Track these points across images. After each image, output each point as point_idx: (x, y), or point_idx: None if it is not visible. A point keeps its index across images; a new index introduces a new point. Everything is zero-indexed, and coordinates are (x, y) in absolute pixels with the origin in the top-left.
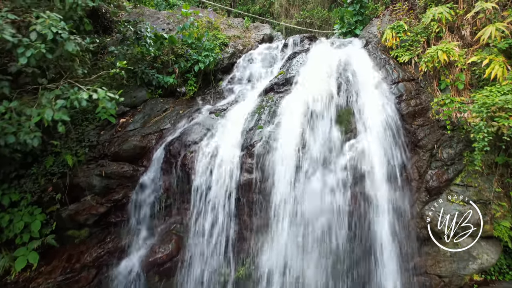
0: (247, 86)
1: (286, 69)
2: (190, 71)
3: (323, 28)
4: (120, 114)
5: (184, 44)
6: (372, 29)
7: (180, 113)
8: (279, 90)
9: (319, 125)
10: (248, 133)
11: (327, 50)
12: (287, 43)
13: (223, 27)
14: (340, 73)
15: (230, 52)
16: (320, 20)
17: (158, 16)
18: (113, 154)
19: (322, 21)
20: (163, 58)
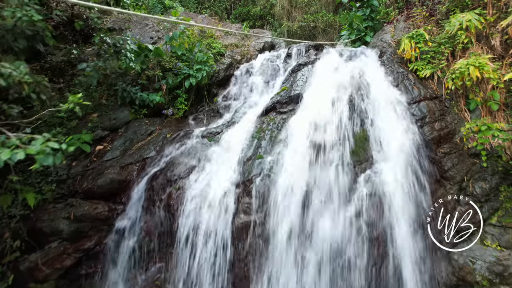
0: (246, 102)
1: (289, 85)
2: (180, 87)
3: (328, 32)
4: (97, 140)
5: (173, 57)
6: (385, 36)
7: (167, 137)
8: (282, 110)
9: (328, 153)
10: (246, 164)
11: (337, 62)
12: (291, 52)
13: (219, 34)
14: (353, 91)
15: (226, 63)
16: (325, 24)
17: (146, 22)
18: (86, 191)
19: (327, 25)
20: (148, 73)
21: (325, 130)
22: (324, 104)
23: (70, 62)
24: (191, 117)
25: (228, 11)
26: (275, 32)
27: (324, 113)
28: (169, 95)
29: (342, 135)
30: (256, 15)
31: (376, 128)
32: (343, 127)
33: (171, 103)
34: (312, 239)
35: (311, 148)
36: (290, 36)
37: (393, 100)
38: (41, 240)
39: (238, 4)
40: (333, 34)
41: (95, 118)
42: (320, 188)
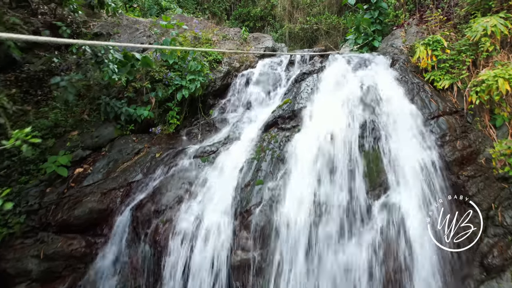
0: (245, 115)
1: (292, 97)
2: (172, 99)
3: (331, 34)
4: (77, 161)
5: (163, 66)
6: (395, 42)
7: (156, 157)
8: (285, 126)
9: (338, 178)
10: (244, 191)
11: (344, 71)
12: (294, 60)
13: (216, 39)
14: (364, 105)
15: (224, 71)
16: (328, 26)
17: (137, 26)
18: (60, 224)
19: (331, 27)
20: (135, 84)
21: (334, 151)
22: (332, 120)
23: (51, 71)
24: (184, 131)
25: (228, 11)
26: (276, 33)
27: (332, 131)
28: (159, 108)
29: (353, 156)
30: (256, 16)
31: (390, 147)
32: (354, 146)
33: (162, 117)
34: (319, 279)
35: (318, 172)
36: (291, 38)
37: (409, 115)
38: (6, 283)
39: (238, 4)
40: (337, 37)
41: (75, 136)
42: (329, 220)
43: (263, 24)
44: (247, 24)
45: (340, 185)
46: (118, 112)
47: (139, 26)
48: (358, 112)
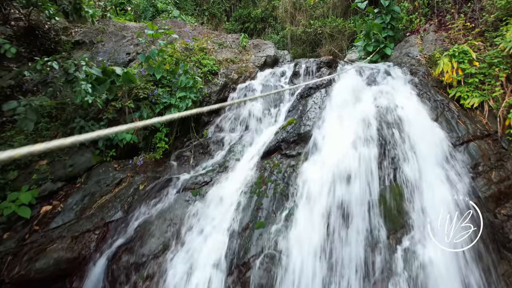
0: (243, 136)
1: (298, 116)
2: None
3: (335, 38)
4: (45, 196)
5: (150, 81)
6: (411, 50)
7: (140, 189)
8: (289, 152)
9: (353, 218)
10: (241, 237)
11: (357, 85)
12: (298, 71)
13: (212, 47)
14: (381, 128)
15: (220, 84)
16: (333, 30)
17: (124, 33)
18: (17, 280)
19: (336, 31)
20: (116, 104)
21: (348, 185)
22: (345, 147)
23: (21, 87)
24: (175, 154)
25: (227, 13)
26: (277, 35)
27: (345, 160)
28: (145, 129)
29: (370, 191)
30: (257, 18)
31: (413, 180)
32: (371, 180)
33: (148, 139)
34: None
35: (329, 212)
36: (293, 40)
37: (433, 140)
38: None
39: (238, 6)
40: (342, 41)
41: (43, 166)
42: (344, 275)
43: (264, 26)
44: (248, 25)
45: (357, 228)
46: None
47: (126, 33)
48: (375, 137)
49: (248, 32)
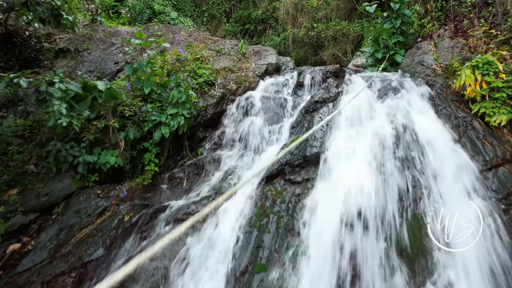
0: (242, 155)
1: (302, 134)
2: (149, 137)
3: (339, 41)
4: (15, 232)
5: (137, 97)
6: (424, 58)
7: (125, 220)
8: (294, 177)
9: (368, 260)
10: (239, 283)
11: (367, 98)
12: (302, 81)
13: (209, 54)
14: (398, 151)
15: (217, 96)
16: (337, 33)
17: (113, 40)
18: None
19: (340, 34)
20: (99, 123)
21: (363, 221)
22: (357, 175)
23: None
24: (166, 176)
25: (227, 14)
26: (278, 37)
27: (359, 190)
28: (132, 149)
29: (388, 227)
30: (257, 19)
31: (435, 213)
32: (389, 214)
33: (136, 160)
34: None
35: (341, 253)
36: (295, 43)
37: (457, 164)
38: None
39: (239, 6)
40: (346, 44)
41: (13, 196)
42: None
43: (264, 28)
44: (248, 27)
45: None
46: (75, 162)
47: (116, 39)
48: (391, 162)
49: (249, 34)
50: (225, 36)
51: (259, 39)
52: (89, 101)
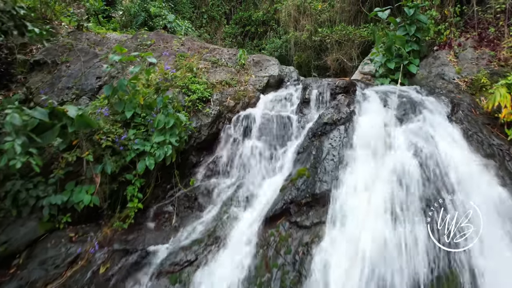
0: (240, 186)
1: (311, 165)
2: (133, 167)
3: (343, 46)
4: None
5: (117, 122)
6: (445, 71)
7: (100, 272)
8: (301, 220)
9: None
10: None
11: (386, 122)
12: (309, 97)
13: (204, 66)
14: (426, 190)
15: (212, 115)
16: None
17: (98, 50)
18: None
19: (346, 39)
20: (70, 156)
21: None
22: (376, 223)
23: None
24: (153, 211)
25: (227, 16)
26: (280, 39)
27: (380, 238)
28: (113, 182)
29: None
30: (258, 21)
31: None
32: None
33: (117, 195)
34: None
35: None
36: (297, 46)
37: (498, 206)
38: None
39: (239, 8)
40: (351, 49)
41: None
42: None
43: (265, 30)
44: (248, 29)
45: None
46: (39, 204)
47: (100, 49)
48: (417, 204)
49: (249, 36)
50: (224, 38)
51: (259, 42)
52: (57, 130)
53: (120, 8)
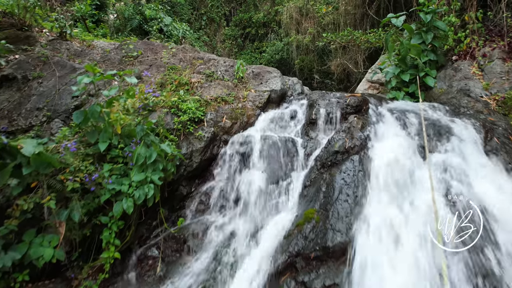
0: (237, 227)
1: (321, 206)
2: (108, 208)
3: (348, 50)
4: None
5: (89, 156)
6: (470, 86)
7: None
8: (310, 280)
9: None
10: None
11: (407, 153)
12: (315, 118)
13: (198, 80)
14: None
15: (206, 138)
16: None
17: (76, 64)
18: None
19: (351, 44)
20: (26, 203)
21: None
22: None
23: None
24: (134, 257)
25: (227, 17)
26: (281, 42)
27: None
28: (84, 227)
29: None
30: (259, 22)
31: None
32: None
33: (94, 235)
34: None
35: None
36: (299, 50)
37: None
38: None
39: (239, 9)
40: (357, 54)
41: None
42: None
43: (266, 32)
44: (249, 31)
45: None
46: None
47: (81, 61)
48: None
49: (249, 38)
50: (224, 40)
51: (260, 44)
52: (8, 172)
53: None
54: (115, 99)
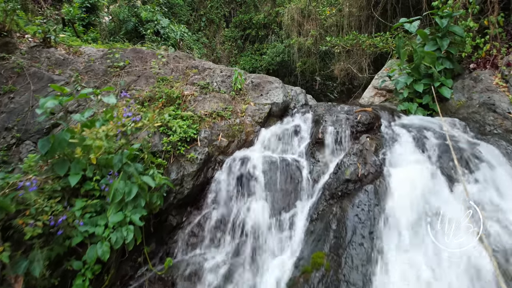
0: (235, 271)
1: (331, 249)
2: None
3: (352, 54)
4: None
5: (56, 192)
6: (494, 100)
7: None
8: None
9: None
10: None
11: (428, 182)
12: (323, 136)
13: (191, 92)
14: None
15: (199, 160)
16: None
17: (54, 76)
18: None
19: (357, 47)
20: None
21: None
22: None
23: None
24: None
25: (227, 18)
26: (282, 43)
27: None
28: (52, 276)
29: None
30: (259, 24)
31: None
32: None
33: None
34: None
35: None
36: (300, 52)
37: None
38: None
39: (239, 10)
40: (361, 57)
41: None
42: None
43: (266, 33)
44: (249, 32)
45: None
46: None
47: (61, 72)
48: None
49: (250, 40)
50: (224, 42)
51: (260, 46)
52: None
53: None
54: (90, 123)
